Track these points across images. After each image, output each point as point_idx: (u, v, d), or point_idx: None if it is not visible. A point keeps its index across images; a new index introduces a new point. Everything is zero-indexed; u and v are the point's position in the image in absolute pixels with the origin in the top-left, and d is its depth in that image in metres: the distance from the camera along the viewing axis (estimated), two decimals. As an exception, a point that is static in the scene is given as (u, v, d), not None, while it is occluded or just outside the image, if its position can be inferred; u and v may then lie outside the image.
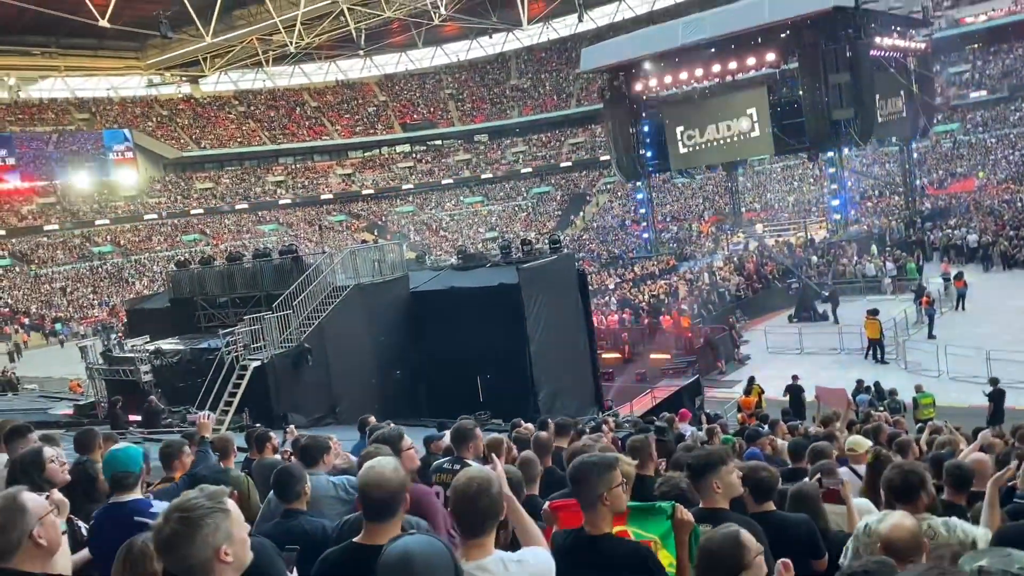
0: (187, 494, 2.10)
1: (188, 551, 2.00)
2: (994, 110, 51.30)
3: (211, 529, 2.03)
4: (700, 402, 18.26)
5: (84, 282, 49.89)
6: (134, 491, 3.46)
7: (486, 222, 63.04)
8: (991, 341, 20.12)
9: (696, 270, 35.90)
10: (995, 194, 42.90)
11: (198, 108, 68.00)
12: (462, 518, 2.45)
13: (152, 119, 64.87)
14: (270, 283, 17.80)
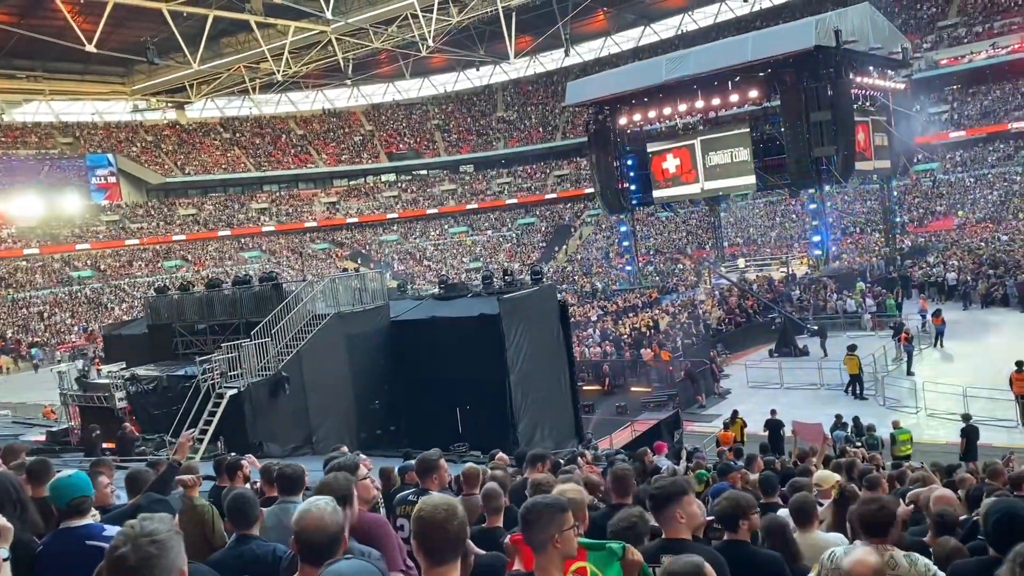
0: (139, 522, 2.07)
1: (160, 574, 1.99)
2: (972, 150, 52.19)
3: (176, 552, 2.05)
4: (679, 436, 18.21)
5: (62, 307, 49.38)
6: (87, 516, 3.40)
7: (470, 252, 63.15)
8: (968, 378, 20.25)
9: (678, 303, 36.02)
10: (973, 233, 43.51)
11: (183, 134, 68.02)
12: (427, 544, 2.37)
13: (136, 144, 64.80)
14: (249, 310, 17.67)
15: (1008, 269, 32.24)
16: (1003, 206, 46.54)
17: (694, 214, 57.25)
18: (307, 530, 2.56)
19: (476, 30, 57.74)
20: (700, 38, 59.39)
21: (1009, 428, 17.58)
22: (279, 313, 16.19)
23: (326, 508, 2.61)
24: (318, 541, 2.55)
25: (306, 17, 48.20)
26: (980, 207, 47.62)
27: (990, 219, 45.68)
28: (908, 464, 11.55)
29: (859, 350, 22.45)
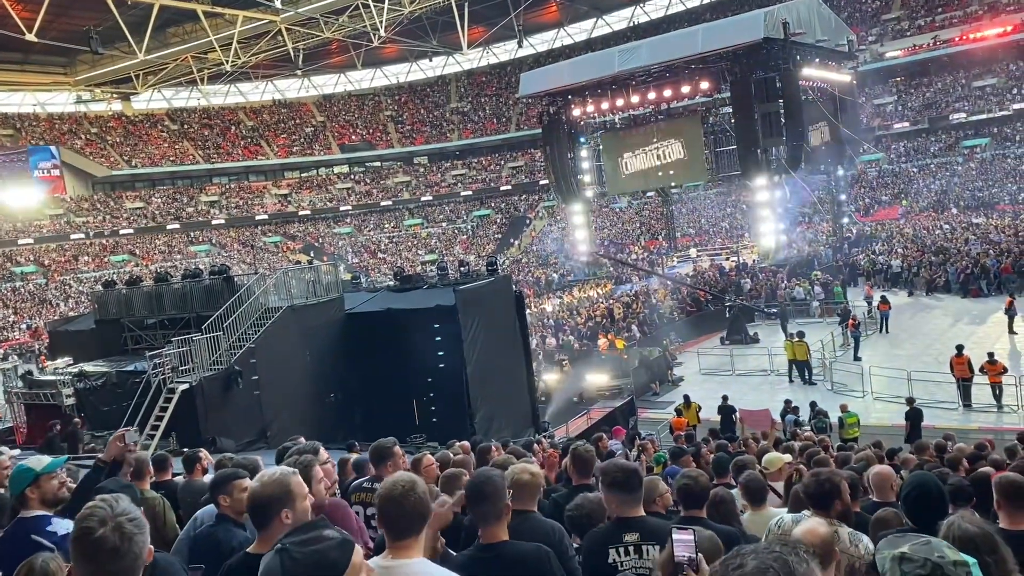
0: (110, 503, 2.07)
1: (137, 553, 2.02)
2: (916, 140, 53.57)
3: (141, 543, 2.06)
4: (634, 422, 18.45)
5: (5, 303, 47.96)
6: (40, 507, 3.35)
7: (425, 245, 62.91)
8: (913, 362, 20.88)
9: (632, 293, 36.39)
10: (917, 221, 44.71)
11: (129, 126, 66.45)
12: (387, 519, 2.46)
13: (81, 136, 63.13)
14: (200, 304, 17.40)
15: (949, 257, 33.20)
16: (945, 195, 47.91)
17: (647, 205, 57.82)
18: (251, 496, 2.71)
19: (429, 20, 57.39)
20: (652, 30, 59.91)
21: (950, 410, 18.16)
22: (231, 307, 15.96)
23: (269, 472, 2.71)
24: (259, 504, 2.65)
25: (255, 6, 47.42)
26: (924, 196, 48.95)
27: (933, 208, 46.98)
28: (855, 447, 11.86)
29: (808, 336, 22.96)
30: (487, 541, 3.01)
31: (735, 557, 1.45)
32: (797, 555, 1.43)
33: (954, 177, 49.15)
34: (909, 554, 1.88)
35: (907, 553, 1.89)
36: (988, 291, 29.77)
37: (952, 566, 1.83)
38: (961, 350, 18.60)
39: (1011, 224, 37.64)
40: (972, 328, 25.29)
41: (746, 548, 1.48)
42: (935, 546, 1.92)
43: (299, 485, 2.71)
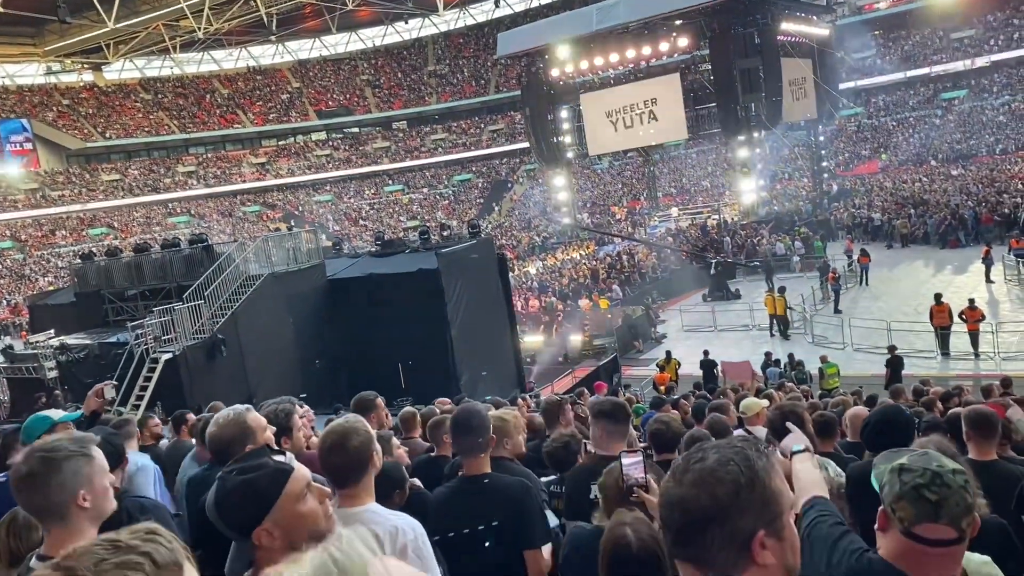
0: (52, 438, 2.07)
1: (45, 491, 1.97)
2: (895, 94, 53.61)
3: (70, 473, 2.01)
4: (618, 379, 18.63)
5: (-18, 280, 47.48)
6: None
7: (407, 211, 62.56)
8: (892, 314, 21.14)
9: (615, 253, 36.48)
10: (897, 175, 44.92)
11: (102, 97, 65.27)
12: (327, 466, 2.46)
13: (53, 108, 61.97)
14: (180, 274, 17.33)
15: (928, 209, 33.45)
16: (924, 148, 48.12)
17: (628, 166, 57.71)
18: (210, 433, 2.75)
19: (403, -18, 56.48)
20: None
21: (928, 358, 18.45)
22: (211, 275, 15.90)
23: (232, 410, 2.79)
24: (219, 442, 2.71)
25: (225, -30, 46.47)
26: (903, 150, 49.13)
27: (912, 161, 47.19)
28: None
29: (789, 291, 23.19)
30: (470, 473, 3.11)
31: (697, 451, 1.47)
32: (757, 450, 1.45)
33: (933, 130, 49.32)
34: (908, 464, 1.91)
35: (906, 464, 1.92)
36: (966, 242, 30.08)
37: (951, 474, 1.86)
38: (940, 299, 18.85)
39: (988, 175, 37.89)
40: (951, 278, 25.61)
41: (708, 443, 1.50)
42: (933, 456, 1.95)
43: (255, 420, 2.73)
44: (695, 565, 1.42)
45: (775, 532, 1.41)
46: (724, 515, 1.38)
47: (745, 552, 1.38)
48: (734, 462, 1.41)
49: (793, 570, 1.45)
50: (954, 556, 1.85)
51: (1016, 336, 18.61)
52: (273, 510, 1.79)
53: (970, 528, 1.84)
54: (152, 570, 1.16)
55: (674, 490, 1.44)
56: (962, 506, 1.82)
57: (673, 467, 1.49)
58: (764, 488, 1.40)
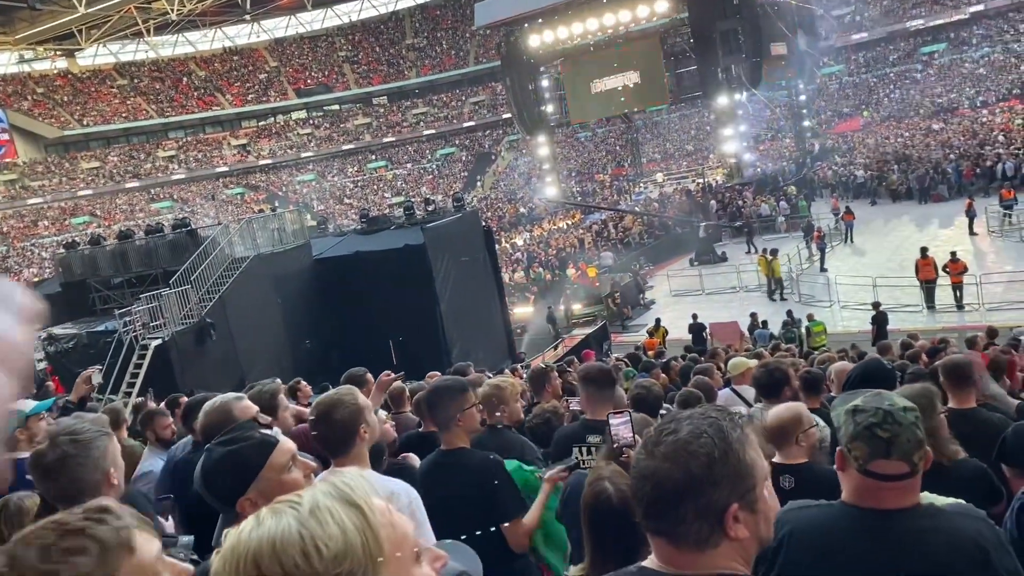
0: (67, 421, 2.09)
1: (79, 473, 2.00)
2: (875, 50, 53.47)
3: (100, 452, 2.05)
4: (607, 347, 18.74)
5: (-34, 274, 47.00)
6: (29, 449, 3.40)
7: (391, 187, 62.20)
8: (878, 270, 21.28)
9: (601, 221, 36.49)
10: (879, 131, 44.94)
11: (77, 83, 64.35)
12: (319, 436, 2.51)
13: (27, 97, 61.07)
14: (166, 259, 17.26)
15: (911, 164, 33.53)
16: (905, 103, 48.11)
17: (611, 133, 57.48)
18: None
19: (377, -45, 55.67)
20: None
21: (914, 312, 18.62)
22: (197, 259, 15.84)
23: (223, 398, 2.83)
24: (207, 426, 2.75)
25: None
26: (884, 106, 49.11)
27: (894, 117, 47.20)
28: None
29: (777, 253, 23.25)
30: (446, 447, 3.17)
31: (669, 423, 1.44)
32: (731, 420, 1.43)
33: (914, 85, 49.28)
34: (861, 405, 1.97)
35: (859, 405, 1.98)
36: (949, 195, 30.21)
37: (902, 411, 1.92)
38: (926, 252, 18.98)
39: (969, 128, 37.97)
40: (935, 232, 25.75)
41: (681, 414, 1.47)
42: (885, 396, 2.01)
43: (242, 410, 2.75)
44: (667, 539, 1.41)
45: (748, 505, 1.39)
46: (697, 489, 1.35)
47: (718, 526, 1.36)
48: (707, 434, 1.38)
49: (766, 541, 1.44)
50: (909, 487, 1.92)
51: (1000, 287, 18.79)
52: (257, 480, 1.83)
53: (922, 461, 1.91)
54: (98, 552, 1.15)
55: (646, 462, 1.41)
56: (913, 441, 1.88)
57: (645, 439, 1.47)
58: (738, 461, 1.38)
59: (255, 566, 0.91)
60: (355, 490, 0.98)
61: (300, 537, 0.91)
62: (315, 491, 0.97)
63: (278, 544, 0.91)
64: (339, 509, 0.95)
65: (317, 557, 0.90)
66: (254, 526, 0.94)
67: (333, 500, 0.96)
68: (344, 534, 0.92)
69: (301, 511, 0.94)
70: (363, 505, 0.96)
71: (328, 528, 0.92)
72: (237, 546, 0.93)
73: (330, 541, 0.91)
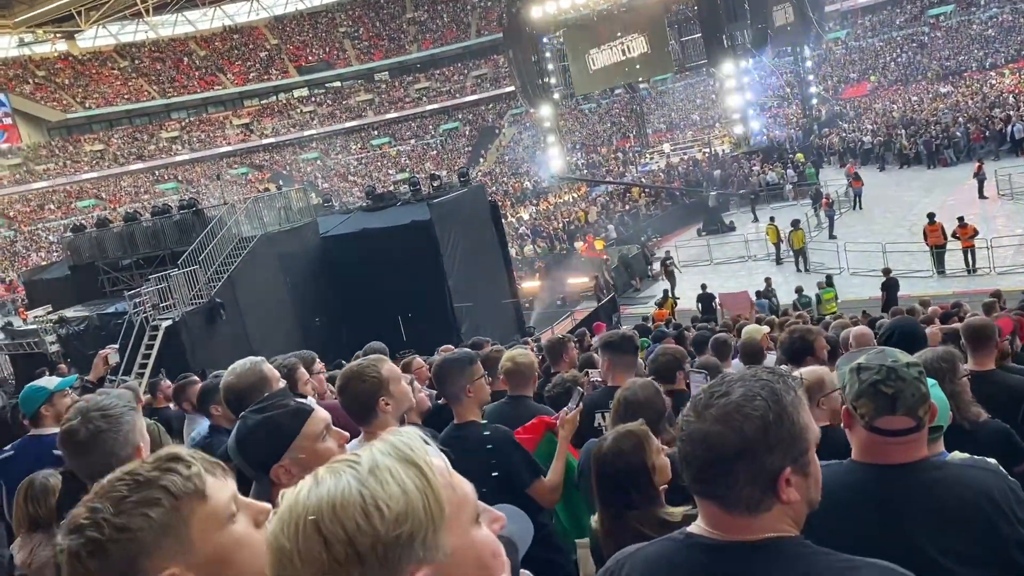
0: (94, 397, 2.09)
1: (111, 448, 2.00)
2: (881, 14, 52.78)
3: (130, 426, 2.06)
4: (617, 319, 18.73)
5: (-25, 259, 47.24)
6: (54, 425, 3.41)
7: (395, 163, 61.97)
8: (887, 235, 21.15)
9: (607, 194, 36.33)
10: (886, 96, 44.48)
11: (78, 66, 64.06)
12: (347, 406, 2.52)
13: (29, 81, 60.86)
14: (173, 240, 17.28)
15: (919, 129, 33.21)
16: (912, 67, 47.55)
17: (616, 104, 57.01)
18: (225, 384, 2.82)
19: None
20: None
21: (925, 278, 18.53)
22: (204, 239, 15.85)
23: (246, 362, 2.86)
24: (236, 393, 2.76)
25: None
26: (891, 70, 48.55)
27: (901, 81, 46.68)
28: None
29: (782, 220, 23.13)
30: (458, 421, 3.20)
31: (720, 385, 1.41)
32: (784, 382, 1.40)
33: (921, 48, 48.69)
34: (864, 363, 1.96)
35: (863, 363, 1.97)
36: (957, 159, 29.94)
37: (905, 367, 1.91)
38: (933, 218, 18.86)
39: (978, 90, 37.55)
40: (943, 197, 25.54)
41: (732, 375, 1.45)
42: (889, 353, 1.99)
43: (271, 371, 2.76)
44: (717, 503, 1.39)
45: (801, 468, 1.37)
46: (750, 452, 1.33)
47: (771, 490, 1.35)
48: (761, 397, 1.36)
49: (815, 504, 1.42)
50: (915, 442, 1.91)
51: (1011, 250, 18.68)
52: (292, 447, 1.83)
53: (927, 416, 1.91)
54: (170, 503, 1.17)
55: (696, 425, 1.39)
56: (917, 396, 1.88)
57: (694, 401, 1.44)
58: (792, 424, 1.36)
59: (315, 528, 0.88)
60: (414, 449, 0.95)
61: (361, 497, 0.88)
62: (373, 450, 0.95)
63: (338, 505, 0.88)
64: (399, 469, 0.92)
65: (379, 517, 0.88)
66: (312, 486, 0.92)
67: (393, 460, 0.93)
68: (405, 494, 0.90)
69: (360, 470, 0.91)
70: (423, 465, 0.93)
71: (389, 488, 0.90)
72: (295, 506, 0.91)
73: (391, 501, 0.89)
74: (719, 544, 1.39)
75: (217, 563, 1.16)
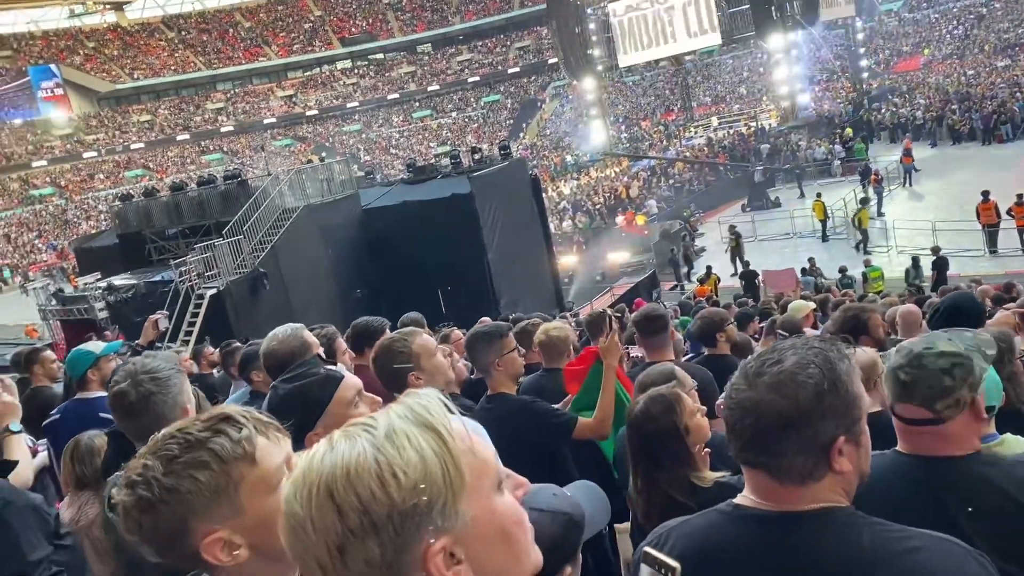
0: (141, 360, 2.11)
1: (161, 410, 2.01)
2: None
3: (178, 388, 2.08)
4: (657, 295, 18.59)
5: (28, 227, 48.46)
6: (100, 388, 3.48)
7: (437, 136, 61.96)
8: (938, 213, 20.62)
9: (650, 168, 35.93)
10: (940, 70, 43.15)
11: (126, 37, 64.97)
12: (380, 375, 2.55)
13: (79, 52, 61.93)
14: (218, 210, 17.51)
15: (974, 103, 32.20)
16: (969, 40, 46.01)
17: (660, 76, 56.17)
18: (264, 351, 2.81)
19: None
20: None
21: (976, 257, 18.05)
22: (248, 210, 16.04)
23: (284, 330, 2.84)
24: (275, 360, 2.74)
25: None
26: (946, 43, 47.04)
27: (956, 55, 45.22)
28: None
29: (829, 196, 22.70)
30: (491, 392, 3.24)
31: (772, 353, 1.39)
32: (839, 351, 1.38)
33: (978, 20, 47.05)
34: (903, 345, 1.91)
35: (904, 345, 1.91)
36: (1013, 135, 29.00)
37: (934, 356, 1.80)
38: (987, 196, 18.31)
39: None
40: (998, 175, 24.70)
41: (784, 344, 1.42)
42: (933, 337, 1.91)
43: (312, 338, 2.79)
44: (767, 472, 1.37)
45: (854, 438, 1.36)
46: (804, 421, 1.31)
47: (823, 459, 1.33)
48: (815, 364, 1.33)
49: (866, 475, 1.40)
50: (943, 435, 1.78)
51: (1069, 230, 18.07)
52: (324, 415, 1.84)
53: (951, 410, 1.76)
54: (219, 467, 1.17)
55: (746, 393, 1.37)
56: (936, 388, 1.76)
57: (744, 369, 1.41)
58: (846, 392, 1.34)
59: (328, 495, 0.85)
60: (432, 413, 0.91)
61: (376, 463, 0.85)
62: (390, 413, 0.91)
63: (352, 472, 0.85)
64: (416, 433, 0.88)
65: (395, 485, 0.84)
66: (327, 450, 0.89)
67: (409, 424, 0.89)
68: (423, 461, 0.86)
69: (376, 435, 0.88)
70: (441, 429, 0.89)
71: (405, 454, 0.86)
72: (309, 472, 0.88)
73: (408, 468, 0.85)
74: (769, 515, 1.37)
75: (267, 527, 1.15)
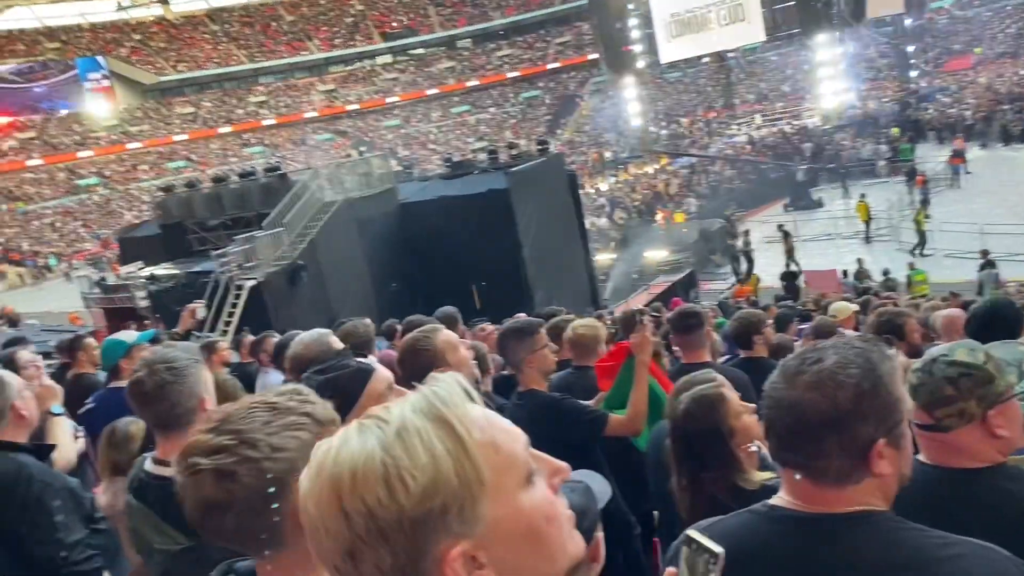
0: (161, 350, 2.13)
1: (176, 399, 2.03)
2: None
3: (195, 378, 2.09)
4: (695, 295, 18.40)
5: (74, 216, 49.51)
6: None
7: (475, 131, 62.02)
8: (986, 216, 20.11)
9: (690, 166, 35.61)
10: (992, 70, 42.09)
11: (171, 30, 66.01)
12: (406, 367, 2.58)
13: (125, 45, 63.08)
14: (258, 202, 17.67)
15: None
16: (1022, 39, 44.79)
17: (702, 73, 55.58)
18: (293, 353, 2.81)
19: None
20: None
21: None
22: (288, 203, 16.18)
23: (312, 334, 2.88)
24: (301, 360, 2.70)
25: None
26: (999, 42, 45.85)
27: (1009, 54, 44.04)
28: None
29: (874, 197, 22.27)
30: (522, 388, 3.26)
31: (813, 352, 1.36)
32: (881, 352, 1.35)
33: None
34: (928, 354, 1.88)
35: (928, 353, 1.89)
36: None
37: (946, 365, 1.78)
38: (1039, 199, 17.82)
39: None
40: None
41: (825, 343, 1.39)
42: (957, 345, 1.89)
43: (337, 343, 2.78)
44: (804, 473, 1.33)
45: (894, 441, 1.32)
46: (843, 422, 1.28)
47: (862, 461, 1.30)
48: (856, 364, 1.30)
49: (906, 479, 1.37)
50: (948, 444, 1.76)
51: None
52: (355, 408, 1.83)
53: (953, 419, 1.74)
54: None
55: (784, 392, 1.34)
56: (936, 395, 1.76)
57: (783, 367, 1.38)
58: (887, 394, 1.31)
59: (335, 499, 0.79)
60: (449, 405, 0.83)
61: (383, 467, 0.78)
62: (406, 406, 0.84)
63: (359, 474, 0.79)
64: (430, 430, 0.81)
65: (403, 491, 0.77)
66: (340, 444, 0.82)
67: (424, 419, 0.82)
68: (435, 462, 0.79)
69: (387, 431, 0.81)
70: (457, 425, 0.82)
71: (415, 456, 0.79)
72: (322, 469, 0.82)
73: (417, 472, 0.78)
74: (805, 516, 1.34)
75: None
